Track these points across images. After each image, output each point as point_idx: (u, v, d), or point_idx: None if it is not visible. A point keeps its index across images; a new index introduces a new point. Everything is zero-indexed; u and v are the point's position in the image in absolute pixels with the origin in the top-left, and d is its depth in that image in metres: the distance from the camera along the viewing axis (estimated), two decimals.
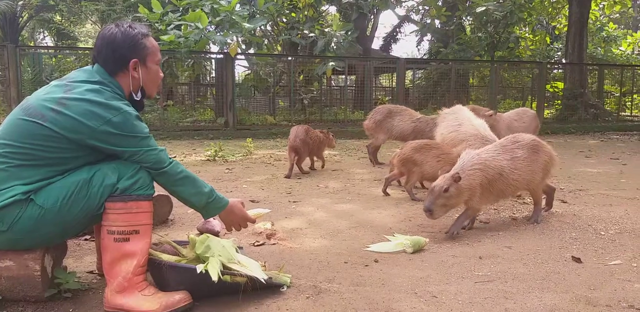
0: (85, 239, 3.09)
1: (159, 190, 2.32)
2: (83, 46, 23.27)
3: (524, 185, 3.48)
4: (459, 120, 4.82)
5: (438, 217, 3.19)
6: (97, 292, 2.31)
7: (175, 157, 4.01)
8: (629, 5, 18.51)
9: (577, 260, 2.79)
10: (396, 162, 4.59)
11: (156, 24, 11.00)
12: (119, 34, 2.18)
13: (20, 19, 23.05)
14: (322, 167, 6.31)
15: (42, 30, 26.76)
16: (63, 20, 23.21)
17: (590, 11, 15.91)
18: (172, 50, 10.64)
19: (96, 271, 2.53)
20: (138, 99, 2.29)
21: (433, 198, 3.11)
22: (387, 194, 4.60)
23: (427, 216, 3.15)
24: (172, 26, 10.93)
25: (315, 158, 6.19)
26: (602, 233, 3.35)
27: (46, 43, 28.91)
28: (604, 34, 21.03)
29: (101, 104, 2.02)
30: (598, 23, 20.85)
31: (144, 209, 2.10)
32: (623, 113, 16.17)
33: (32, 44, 24.11)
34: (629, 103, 17.19)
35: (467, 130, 4.59)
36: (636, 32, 22.60)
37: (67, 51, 14.05)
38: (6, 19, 21.80)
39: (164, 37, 10.41)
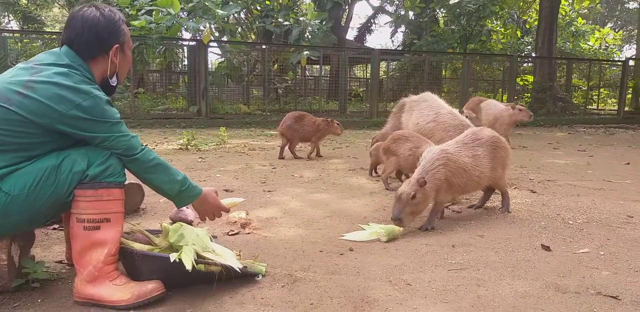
0: (54, 228, 3.00)
1: (130, 178, 2.26)
2: (50, 30, 22.51)
3: (485, 181, 3.51)
4: (434, 109, 4.80)
5: (407, 225, 3.11)
6: (66, 282, 2.25)
7: (146, 145, 3.89)
8: (597, 1, 18.93)
9: (547, 248, 2.86)
10: (375, 152, 4.72)
11: (126, 9, 10.72)
12: (102, 18, 2.11)
13: None
14: (315, 154, 6.40)
15: (6, 13, 25.73)
16: (29, 4, 22.37)
17: (560, 6, 16.23)
18: (143, 36, 10.40)
19: (65, 261, 2.47)
20: (114, 84, 2.24)
21: (401, 206, 3.02)
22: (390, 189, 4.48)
23: (397, 225, 3.05)
24: (143, 11, 10.67)
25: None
26: (570, 222, 3.43)
27: (11, 27, 27.84)
28: (572, 28, 21.49)
29: (70, 87, 1.95)
30: (567, 18, 21.29)
31: (115, 197, 2.05)
32: (590, 106, 16.63)
33: None
34: (596, 97, 17.68)
35: (446, 121, 4.58)
36: (603, 28, 23.17)
37: (34, 36, 13.56)
38: None
39: (135, 23, 10.15)
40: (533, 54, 17.73)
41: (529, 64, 17.69)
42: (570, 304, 2.12)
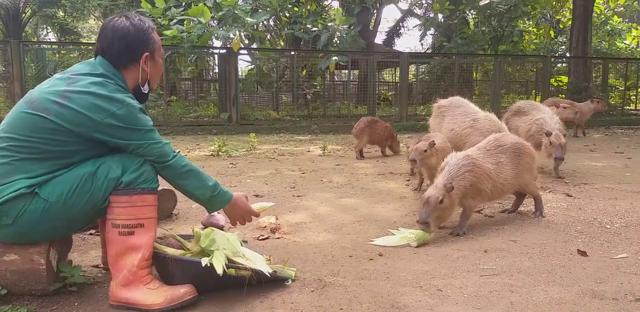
0: (90, 234, 3.09)
1: (163, 184, 2.31)
2: (86, 41, 23.26)
3: (510, 188, 3.45)
4: (470, 115, 4.75)
5: (434, 229, 3.06)
6: (102, 286, 2.32)
7: (179, 152, 4.01)
8: None
9: (583, 253, 2.78)
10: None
11: (159, 19, 10.97)
12: (131, 28, 2.17)
13: (24, 14, 23.07)
14: (383, 155, 7.04)
15: (45, 26, 26.75)
16: (66, 16, 23.19)
17: (595, 4, 15.79)
18: (175, 45, 10.63)
19: (101, 265, 2.54)
20: (146, 91, 2.30)
21: (429, 210, 2.97)
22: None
23: (423, 229, 2.99)
24: (174, 21, 10.90)
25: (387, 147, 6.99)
26: (608, 227, 3.33)
27: (49, 39, 28.92)
28: (608, 27, 20.86)
29: (105, 96, 2.01)
30: (602, 16, 20.68)
31: (148, 203, 2.10)
32: (627, 107, 16.08)
33: (35, 40, 24.13)
34: (634, 97, 17.10)
35: (485, 126, 4.51)
36: None
37: (71, 47, 14.06)
38: (9, 14, 21.84)
39: (167, 32, 10.38)
40: (567, 54, 17.30)
41: (563, 65, 17.25)
42: (608, 311, 2.05)
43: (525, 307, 2.11)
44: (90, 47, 12.50)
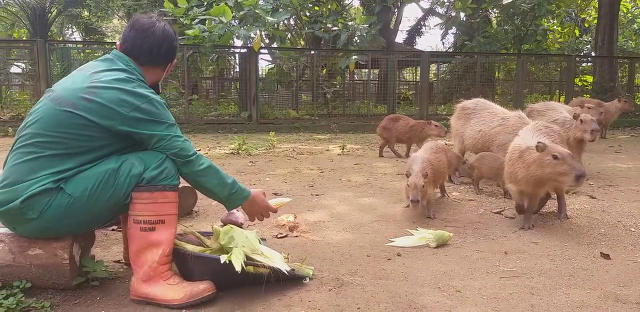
0: (113, 229, 3.14)
1: (184, 182, 2.34)
2: (110, 41, 23.62)
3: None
4: (498, 115, 4.72)
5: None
6: (123, 281, 2.35)
7: (199, 150, 4.10)
8: None
9: (606, 256, 2.73)
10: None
11: (181, 19, 11.09)
12: (172, 33, 2.33)
13: (49, 14, 23.51)
14: (405, 154, 6.75)
15: (70, 25, 27.23)
16: (91, 16, 23.59)
17: (621, 3, 15.44)
18: (196, 44, 10.73)
19: (123, 260, 2.58)
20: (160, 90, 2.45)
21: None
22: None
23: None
24: (196, 21, 10.99)
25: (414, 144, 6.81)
26: (632, 229, 3.26)
27: (74, 38, 29.45)
28: (635, 26, 20.41)
29: (130, 92, 2.09)
30: (629, 15, 20.25)
31: (169, 199, 2.13)
32: None
33: (60, 39, 24.60)
34: None
35: (514, 123, 4.48)
36: None
37: (95, 46, 14.28)
38: (36, 14, 22.28)
39: (189, 32, 10.49)
40: (592, 54, 16.96)
41: (588, 64, 16.91)
42: None
43: (546, 310, 2.07)
44: (114, 46, 12.71)
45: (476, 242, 3.02)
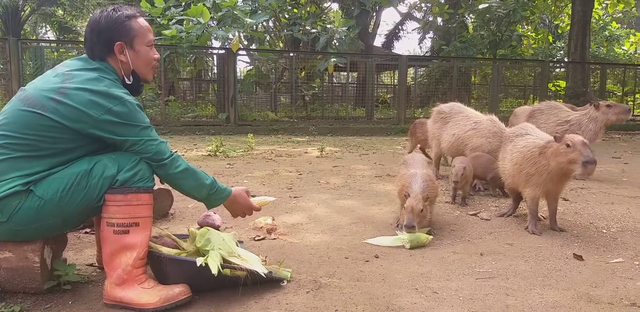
0: (86, 232, 3.08)
1: (159, 184, 2.30)
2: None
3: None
4: (472, 118, 4.79)
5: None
6: (96, 284, 2.30)
7: (176, 151, 4.04)
8: (632, 5, 18.40)
9: (579, 258, 2.78)
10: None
11: (158, 19, 10.98)
12: (102, 19, 2.15)
13: (23, 12, 23.03)
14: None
15: (44, 24, 26.72)
16: (65, 15, 23.17)
17: (593, 10, 15.84)
18: (173, 45, 10.62)
19: (96, 264, 2.52)
20: (130, 82, 2.26)
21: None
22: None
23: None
24: (174, 21, 10.90)
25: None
26: (604, 231, 3.34)
27: (48, 37, 28.86)
28: (606, 33, 20.95)
29: (101, 93, 2.01)
30: (601, 22, 20.77)
31: (144, 202, 2.09)
32: None
33: (34, 38, 24.08)
34: (631, 102, 17.14)
35: (486, 127, 4.58)
36: (639, 32, 22.50)
37: (69, 45, 14.00)
38: (8, 12, 21.79)
39: (166, 32, 10.38)
40: (565, 59, 17.33)
41: (562, 70, 17.28)
42: None
43: (520, 310, 2.10)
44: None
45: (452, 244, 3.04)
